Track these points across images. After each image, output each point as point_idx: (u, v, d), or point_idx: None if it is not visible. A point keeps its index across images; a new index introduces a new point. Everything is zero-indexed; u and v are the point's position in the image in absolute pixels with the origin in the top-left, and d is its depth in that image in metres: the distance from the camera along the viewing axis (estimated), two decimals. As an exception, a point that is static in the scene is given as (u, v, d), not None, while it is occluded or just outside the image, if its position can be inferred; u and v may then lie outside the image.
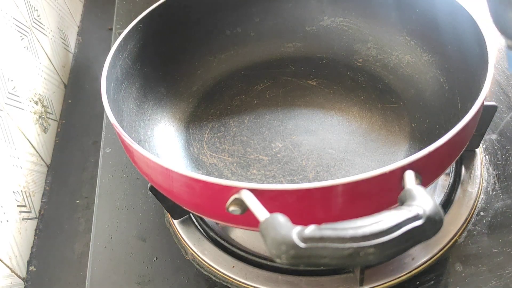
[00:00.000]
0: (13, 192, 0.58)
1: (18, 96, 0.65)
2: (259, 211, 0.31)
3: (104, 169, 0.59)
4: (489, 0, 0.36)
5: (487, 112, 0.47)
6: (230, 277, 0.46)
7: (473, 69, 0.44)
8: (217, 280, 0.47)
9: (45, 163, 0.69)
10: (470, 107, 0.37)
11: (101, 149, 0.62)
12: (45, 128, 0.72)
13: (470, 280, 0.43)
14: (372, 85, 0.59)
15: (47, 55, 0.79)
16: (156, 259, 0.50)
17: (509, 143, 0.55)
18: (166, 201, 0.48)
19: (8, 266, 0.53)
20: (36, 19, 0.78)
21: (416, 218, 0.27)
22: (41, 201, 0.65)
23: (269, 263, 0.46)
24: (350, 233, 0.26)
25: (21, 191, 0.60)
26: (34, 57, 0.74)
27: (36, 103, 0.71)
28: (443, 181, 0.51)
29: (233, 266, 0.47)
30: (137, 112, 0.51)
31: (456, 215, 0.48)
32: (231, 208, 0.33)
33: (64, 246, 0.59)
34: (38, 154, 0.67)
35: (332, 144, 0.53)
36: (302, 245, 0.26)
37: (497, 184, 0.51)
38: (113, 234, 0.52)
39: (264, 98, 0.59)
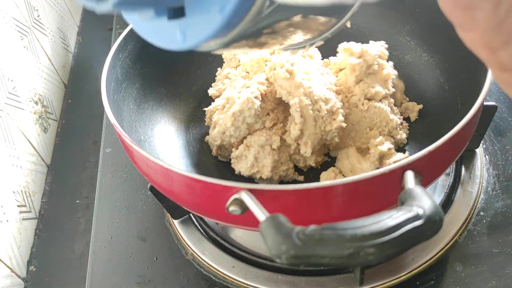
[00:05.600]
0: (13, 192, 0.58)
1: (18, 96, 0.65)
2: (259, 211, 0.31)
3: (104, 169, 0.59)
4: None
5: (487, 112, 0.47)
6: (230, 277, 0.46)
7: (473, 69, 0.44)
8: (217, 280, 0.47)
9: (45, 163, 0.69)
10: (470, 107, 0.37)
11: (101, 149, 0.62)
12: (45, 128, 0.72)
13: (470, 280, 0.43)
14: (372, 85, 0.59)
15: (47, 55, 0.79)
16: (156, 259, 0.50)
17: (509, 143, 0.55)
18: (166, 201, 0.48)
19: (8, 266, 0.53)
20: (36, 19, 0.78)
21: (416, 218, 0.27)
22: (41, 201, 0.65)
23: (269, 263, 0.46)
24: (350, 233, 0.26)
25: (21, 191, 0.60)
26: (34, 57, 0.74)
27: (36, 103, 0.71)
28: (443, 181, 0.51)
29: (233, 266, 0.47)
30: (137, 112, 0.51)
31: (456, 215, 0.48)
32: (231, 208, 0.33)
33: (64, 246, 0.59)
34: (38, 154, 0.67)
35: (332, 144, 0.53)
36: (302, 245, 0.26)
37: (497, 184, 0.51)
38: (113, 234, 0.52)
39: (264, 98, 0.59)
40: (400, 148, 0.51)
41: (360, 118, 0.49)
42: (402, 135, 0.50)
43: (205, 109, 0.54)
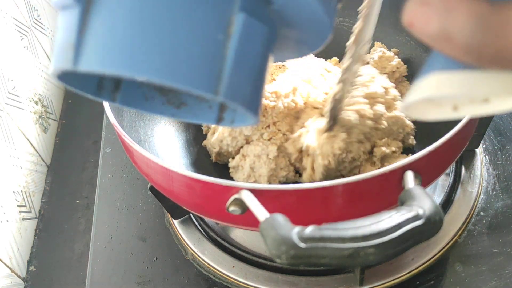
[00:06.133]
0: (13, 192, 0.58)
1: (18, 96, 0.65)
2: (259, 211, 0.31)
3: (104, 169, 0.59)
4: None
5: (487, 112, 0.47)
6: (230, 277, 0.46)
7: (473, 69, 0.44)
8: (217, 280, 0.47)
9: (45, 163, 0.69)
10: (470, 107, 0.37)
11: (101, 149, 0.62)
12: (45, 128, 0.72)
13: (470, 280, 0.43)
14: (372, 85, 0.59)
15: (47, 55, 0.79)
16: (156, 259, 0.50)
17: (509, 143, 0.55)
18: (166, 201, 0.48)
19: (8, 266, 0.53)
20: (36, 19, 0.78)
21: (416, 218, 0.27)
22: (41, 201, 0.65)
23: (269, 263, 0.46)
24: (350, 233, 0.26)
25: (21, 191, 0.60)
26: (34, 57, 0.74)
27: (36, 103, 0.71)
28: (443, 181, 0.51)
29: (233, 266, 0.47)
30: (137, 112, 0.51)
31: (456, 215, 0.48)
32: (231, 208, 0.33)
33: (64, 246, 0.59)
34: (38, 154, 0.67)
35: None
36: (302, 245, 0.26)
37: (497, 184, 0.51)
38: (113, 234, 0.52)
39: (264, 98, 0.59)
40: (405, 150, 0.50)
41: (381, 136, 0.48)
42: (413, 140, 0.50)
43: None
